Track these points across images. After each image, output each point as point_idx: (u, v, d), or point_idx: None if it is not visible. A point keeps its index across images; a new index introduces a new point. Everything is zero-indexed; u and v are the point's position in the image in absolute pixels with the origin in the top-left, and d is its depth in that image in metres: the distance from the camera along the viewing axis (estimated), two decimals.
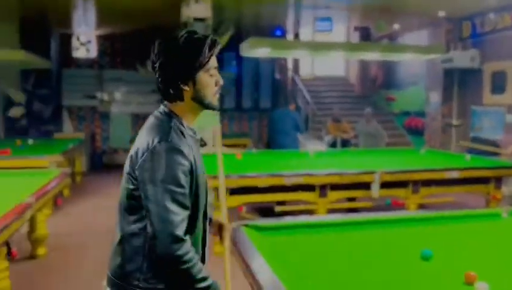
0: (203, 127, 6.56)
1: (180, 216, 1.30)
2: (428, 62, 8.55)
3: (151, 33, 9.25)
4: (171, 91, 1.41)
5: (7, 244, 2.67)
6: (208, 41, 1.40)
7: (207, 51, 1.40)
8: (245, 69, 10.50)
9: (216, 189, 4.05)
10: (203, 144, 1.55)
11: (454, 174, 4.65)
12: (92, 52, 9.87)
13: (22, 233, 4.02)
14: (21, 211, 2.76)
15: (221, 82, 1.48)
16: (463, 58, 7.54)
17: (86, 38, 9.81)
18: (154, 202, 1.30)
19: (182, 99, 1.43)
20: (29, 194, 3.16)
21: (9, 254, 2.67)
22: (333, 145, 8.19)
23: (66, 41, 9.60)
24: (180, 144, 1.36)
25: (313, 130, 9.69)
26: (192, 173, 1.37)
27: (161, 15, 7.28)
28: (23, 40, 8.03)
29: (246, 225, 2.29)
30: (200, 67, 1.40)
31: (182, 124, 1.43)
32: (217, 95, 1.49)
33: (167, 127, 1.39)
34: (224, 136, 9.78)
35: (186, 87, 1.41)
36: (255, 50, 6.24)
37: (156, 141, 1.34)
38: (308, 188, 4.44)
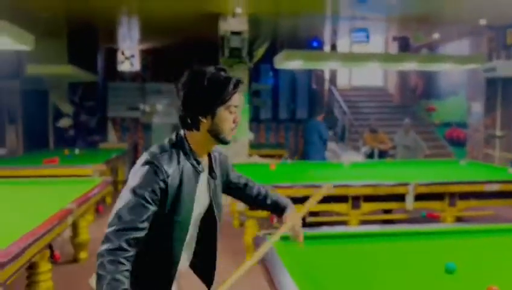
0: (237, 138, 6.73)
1: (126, 225, 1.37)
2: (469, 71, 8.31)
3: (191, 46, 9.58)
4: (189, 121, 1.48)
5: (50, 247, 2.86)
6: (233, 80, 1.48)
7: (230, 88, 1.46)
8: (281, 80, 10.60)
9: None
10: (214, 175, 1.62)
11: (495, 187, 4.49)
12: (136, 65, 10.31)
13: (66, 238, 4.28)
14: (63, 217, 2.95)
15: (239, 120, 1.53)
16: (507, 67, 7.28)
17: (129, 53, 10.28)
18: (118, 201, 1.43)
19: (198, 129, 1.50)
20: (71, 201, 3.36)
21: (52, 257, 2.85)
22: (370, 156, 8.10)
23: (111, 55, 10.09)
24: (165, 164, 1.44)
25: (351, 141, 9.61)
26: (167, 192, 1.45)
27: (200, 29, 7.53)
28: (71, 55, 8.52)
29: (271, 234, 2.33)
30: (221, 103, 1.46)
31: (188, 153, 1.51)
32: (234, 131, 1.54)
33: (166, 148, 1.50)
34: (260, 146, 9.93)
35: (204, 120, 1.48)
36: (289, 62, 6.33)
37: (146, 156, 1.47)
38: (341, 199, 4.44)
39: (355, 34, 7.31)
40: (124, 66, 10.26)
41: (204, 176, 1.58)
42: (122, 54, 10.23)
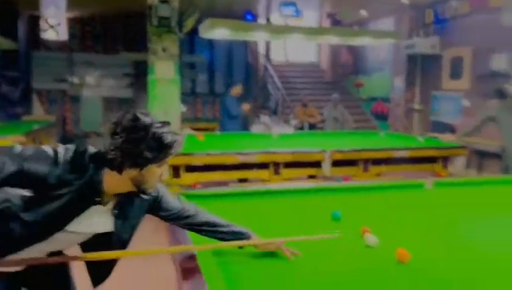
0: (167, 110, 6.69)
1: None
2: (393, 48, 8.78)
3: (120, 16, 9.19)
4: (115, 163, 1.37)
5: None
6: (177, 143, 1.40)
7: (172, 152, 1.41)
8: (217, 53, 10.57)
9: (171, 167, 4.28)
10: (117, 214, 1.50)
11: (404, 154, 4.88)
12: (62, 34, 9.78)
13: None
14: None
15: (164, 177, 1.49)
16: (425, 44, 7.78)
17: (55, 21, 9.70)
18: None
19: (120, 173, 1.39)
20: None
21: None
22: (300, 129, 8.40)
23: (34, 22, 9.50)
24: (64, 166, 1.35)
25: (284, 115, 9.87)
26: (37, 185, 1.35)
27: None
28: None
29: (185, 194, 2.41)
30: (155, 162, 1.40)
31: (93, 185, 1.39)
32: (156, 184, 1.50)
33: (81, 160, 1.38)
34: (197, 120, 9.94)
35: (131, 169, 1.38)
36: (213, 31, 6.33)
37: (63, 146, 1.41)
38: (264, 166, 4.63)
39: (284, 8, 7.44)
40: (49, 35, 9.70)
41: (102, 209, 1.48)
42: (46, 22, 9.65)
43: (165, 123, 1.41)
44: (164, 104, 6.54)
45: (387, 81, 9.29)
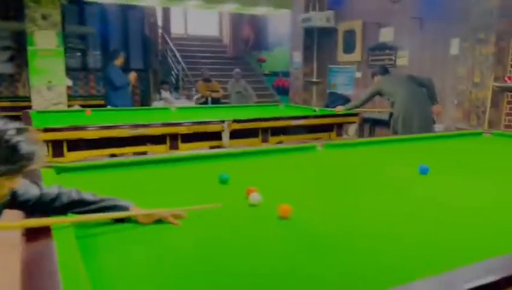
0: (51, 85, 6.04)
1: None
2: (291, 22, 8.90)
3: None
4: None
5: None
6: (33, 155, 1.18)
7: (26, 164, 1.18)
8: (111, 25, 9.84)
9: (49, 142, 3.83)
10: None
11: (300, 122, 4.95)
12: None
13: None
14: None
15: (15, 187, 1.25)
16: (320, 18, 7.98)
17: None
18: None
19: None
20: None
21: None
22: (204, 104, 8.20)
23: None
24: None
25: (185, 90, 9.57)
26: None
27: None
28: None
29: (59, 167, 2.10)
30: (6, 175, 1.18)
31: None
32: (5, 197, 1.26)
33: None
34: (89, 97, 9.18)
35: None
36: None
37: None
38: (161, 141, 4.37)
39: None
40: None
41: None
42: None
43: (22, 130, 1.19)
44: (47, 78, 5.90)
45: (287, 56, 9.43)
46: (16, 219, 1.47)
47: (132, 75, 6.22)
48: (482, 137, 3.61)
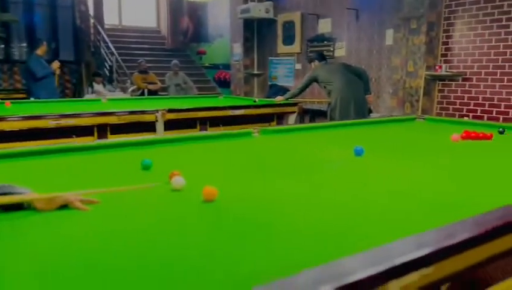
0: None
1: None
2: (231, 14, 8.74)
3: None
4: None
5: None
6: None
7: None
8: (38, 17, 9.14)
9: None
10: None
11: (239, 112, 4.80)
12: None
13: None
14: None
15: None
16: (259, 8, 7.88)
17: None
18: None
19: None
20: None
21: None
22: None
23: None
24: None
25: (120, 82, 9.11)
26: None
27: None
28: None
29: None
30: None
31: None
32: None
33: None
34: (14, 91, 8.48)
35: None
36: None
37: None
38: (88, 132, 4.04)
39: None
40: None
41: None
42: None
43: None
44: None
45: (227, 48, 9.25)
46: None
47: (55, 64, 5.79)
48: (415, 122, 3.68)
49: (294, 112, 5.60)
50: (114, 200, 1.38)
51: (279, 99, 5.31)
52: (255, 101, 5.67)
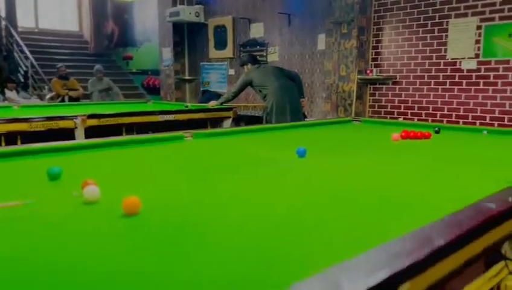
0: None
1: None
2: (159, 17, 8.37)
3: None
4: None
5: None
6: None
7: None
8: None
9: None
10: None
11: (169, 117, 4.48)
12: None
13: None
14: None
15: None
16: (189, 12, 7.60)
17: None
18: None
19: None
20: None
21: None
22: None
23: None
24: None
25: (36, 89, 8.33)
26: None
27: None
28: None
29: None
30: None
31: None
32: None
33: None
34: None
35: None
36: None
37: None
38: None
39: None
40: None
41: None
42: None
43: None
44: None
45: (156, 53, 8.84)
46: None
47: None
48: (352, 124, 3.63)
49: (229, 117, 5.38)
50: (7, 219, 1.05)
51: (212, 104, 5.08)
52: (186, 107, 5.38)
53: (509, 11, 4.41)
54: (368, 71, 5.46)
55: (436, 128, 2.99)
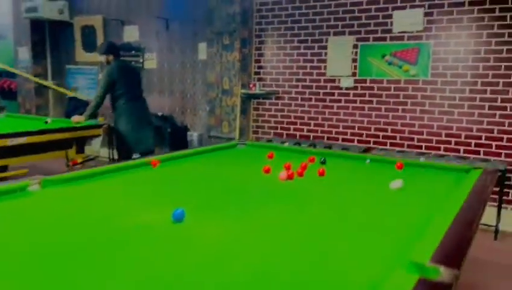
0: None
1: None
2: (15, 11, 7.19)
3: None
4: None
5: None
6: None
7: None
8: None
9: None
10: None
11: (22, 140, 3.72)
12: None
13: None
14: None
15: None
16: (50, 8, 6.63)
17: None
18: None
19: None
20: None
21: None
22: None
23: None
24: None
25: None
26: None
27: None
28: None
29: None
30: None
31: None
32: None
33: None
34: None
35: None
36: None
37: None
38: None
39: None
40: None
41: None
42: None
43: None
44: None
45: (10, 52, 7.58)
46: None
47: None
48: (237, 150, 3.37)
49: (99, 135, 4.74)
50: None
51: (77, 119, 4.35)
52: (46, 122, 4.59)
53: (382, 32, 4.58)
54: (251, 85, 5.28)
55: (322, 159, 2.87)
